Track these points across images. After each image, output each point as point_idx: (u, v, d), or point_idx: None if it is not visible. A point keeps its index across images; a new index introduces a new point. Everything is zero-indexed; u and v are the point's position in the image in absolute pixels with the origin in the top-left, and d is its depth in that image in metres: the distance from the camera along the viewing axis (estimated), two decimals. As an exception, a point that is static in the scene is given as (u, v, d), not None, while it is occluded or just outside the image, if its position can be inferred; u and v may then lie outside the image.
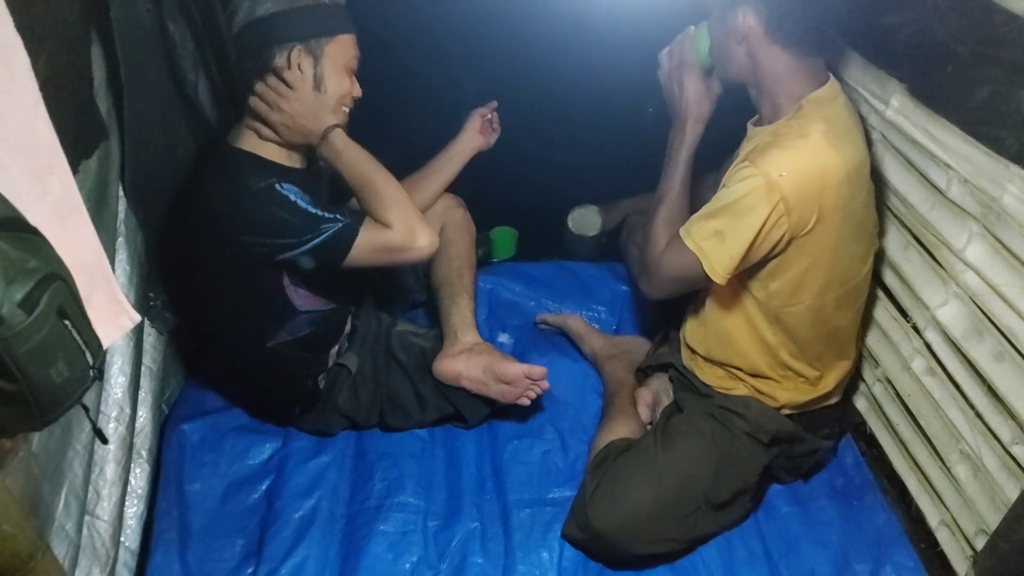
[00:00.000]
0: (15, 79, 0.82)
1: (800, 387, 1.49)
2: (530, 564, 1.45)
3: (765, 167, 1.24)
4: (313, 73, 1.35)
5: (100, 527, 1.28)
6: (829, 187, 1.26)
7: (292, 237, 1.35)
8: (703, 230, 1.31)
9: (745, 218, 1.26)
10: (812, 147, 1.25)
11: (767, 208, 1.24)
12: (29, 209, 0.77)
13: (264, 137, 1.40)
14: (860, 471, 1.65)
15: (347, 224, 1.37)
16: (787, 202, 1.24)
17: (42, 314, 0.73)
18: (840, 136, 1.29)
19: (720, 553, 1.48)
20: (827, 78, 1.33)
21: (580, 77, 1.88)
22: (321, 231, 1.35)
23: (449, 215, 1.79)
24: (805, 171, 1.24)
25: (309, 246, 1.35)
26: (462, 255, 1.74)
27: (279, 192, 1.34)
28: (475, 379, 1.58)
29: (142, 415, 1.47)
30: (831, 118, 1.29)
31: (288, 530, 1.48)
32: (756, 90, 1.36)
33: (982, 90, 1.23)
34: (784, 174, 1.23)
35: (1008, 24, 1.15)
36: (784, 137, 1.28)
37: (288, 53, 1.33)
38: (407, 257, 1.42)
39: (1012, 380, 1.24)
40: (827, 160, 1.25)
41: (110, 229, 1.30)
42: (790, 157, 1.25)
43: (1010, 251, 1.21)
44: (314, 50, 1.34)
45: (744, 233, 1.26)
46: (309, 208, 1.35)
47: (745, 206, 1.26)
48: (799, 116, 1.30)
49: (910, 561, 1.48)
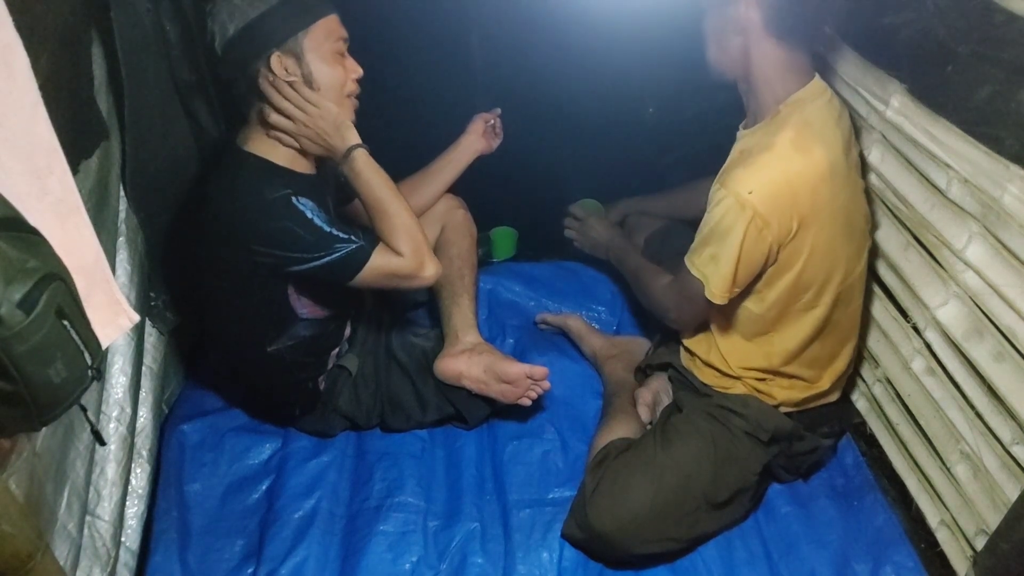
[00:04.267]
0: (15, 79, 0.82)
1: (797, 385, 1.50)
2: (530, 564, 1.45)
3: (734, 187, 1.28)
4: (301, 72, 1.32)
5: (101, 527, 1.28)
6: (802, 192, 1.28)
7: (303, 252, 1.34)
8: (702, 257, 1.36)
9: (727, 239, 1.30)
10: (776, 158, 1.28)
11: (743, 226, 1.28)
12: (29, 209, 0.77)
13: (277, 139, 1.38)
14: (860, 471, 1.64)
15: (360, 247, 1.36)
16: (762, 216, 1.27)
17: (41, 314, 0.72)
18: (813, 139, 1.31)
19: (720, 553, 1.48)
20: (812, 76, 1.35)
21: (581, 77, 1.88)
22: (333, 251, 1.34)
23: (450, 216, 1.79)
24: (771, 183, 1.28)
25: (319, 263, 1.34)
26: (463, 255, 1.74)
27: (295, 206, 1.32)
28: (476, 379, 1.58)
29: (143, 415, 1.47)
30: (808, 120, 1.31)
31: (288, 530, 1.48)
32: (745, 86, 1.38)
33: (982, 90, 1.23)
34: (752, 191, 1.27)
35: (1008, 24, 1.15)
36: (748, 154, 1.32)
37: (269, 63, 1.30)
38: (412, 284, 1.42)
39: (1012, 380, 1.24)
40: (794, 167, 1.28)
41: (111, 229, 1.30)
42: (754, 173, 1.29)
43: (1010, 251, 1.21)
44: (293, 49, 1.31)
45: (730, 253, 1.30)
46: (324, 226, 1.33)
47: (724, 228, 1.30)
48: (773, 122, 1.33)
49: (910, 561, 1.48)
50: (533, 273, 2.05)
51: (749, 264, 1.32)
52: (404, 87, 1.85)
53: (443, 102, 1.89)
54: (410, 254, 1.38)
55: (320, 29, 1.32)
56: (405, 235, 1.39)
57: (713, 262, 1.33)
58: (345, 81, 1.37)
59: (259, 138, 1.38)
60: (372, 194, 1.39)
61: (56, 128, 0.88)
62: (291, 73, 1.31)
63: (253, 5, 1.28)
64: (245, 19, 1.27)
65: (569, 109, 1.96)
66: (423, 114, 1.90)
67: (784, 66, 1.32)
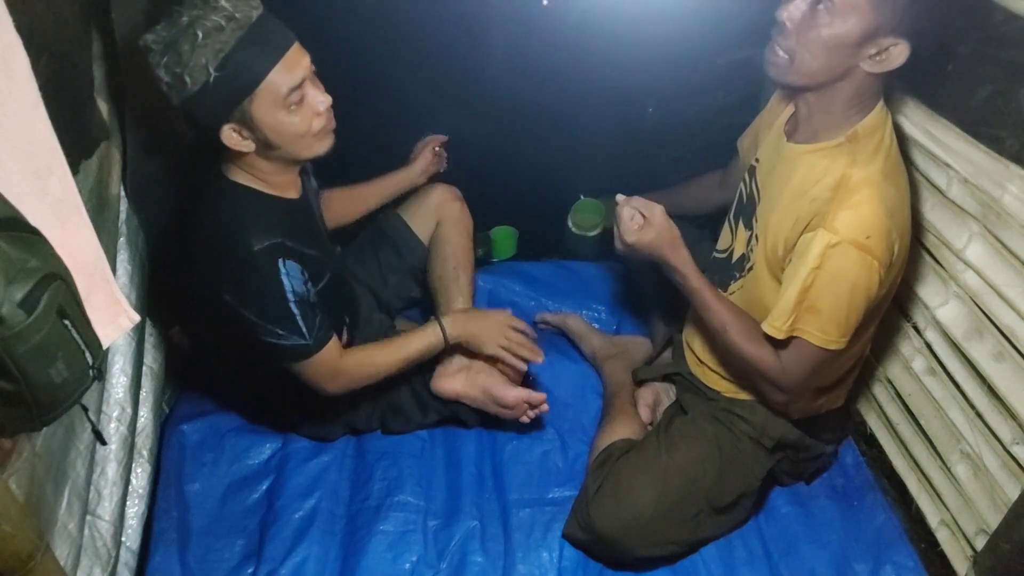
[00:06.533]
0: (15, 79, 0.82)
1: (808, 394, 1.46)
2: (530, 564, 1.45)
3: (849, 233, 1.17)
4: (256, 140, 1.23)
5: (101, 527, 1.28)
6: (897, 220, 1.22)
7: (260, 320, 1.31)
8: (798, 314, 1.23)
9: (838, 286, 1.19)
10: (880, 194, 1.19)
11: (864, 272, 1.18)
12: (29, 209, 0.77)
13: (259, 170, 1.31)
14: (860, 471, 1.64)
15: (305, 347, 1.34)
16: (879, 258, 1.18)
17: (42, 314, 0.73)
18: (894, 167, 1.25)
19: (720, 553, 1.48)
20: (881, 96, 1.25)
21: (580, 76, 1.88)
22: (284, 336, 1.32)
23: (445, 208, 1.70)
24: (881, 221, 1.18)
25: (267, 340, 1.32)
26: (458, 253, 1.67)
27: (277, 271, 1.29)
28: (474, 399, 1.57)
29: (143, 415, 1.47)
30: (887, 147, 1.24)
31: (288, 530, 1.48)
32: (817, 99, 1.25)
33: (982, 90, 1.23)
34: (870, 235, 1.17)
35: (1008, 24, 1.15)
36: (848, 191, 1.20)
37: (223, 136, 1.21)
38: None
39: (1012, 380, 1.24)
40: (891, 201, 1.21)
41: (111, 229, 1.30)
42: (867, 215, 1.18)
43: (1010, 251, 1.21)
44: (243, 120, 1.20)
45: (840, 299, 1.20)
46: (291, 306, 1.30)
47: (835, 276, 1.19)
48: (855, 149, 1.23)
49: (910, 561, 1.48)
50: (533, 273, 2.05)
51: (863, 306, 1.23)
52: (404, 87, 1.85)
53: (443, 102, 1.89)
54: (334, 390, 1.44)
55: (271, 84, 1.17)
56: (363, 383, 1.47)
57: (811, 313, 1.22)
58: (308, 125, 1.24)
59: (241, 169, 1.32)
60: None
61: (56, 128, 0.88)
62: (247, 139, 1.23)
63: (192, 74, 1.14)
64: (183, 94, 1.16)
65: (569, 109, 1.96)
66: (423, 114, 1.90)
67: (875, 92, 1.23)
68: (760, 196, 1.39)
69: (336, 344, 1.42)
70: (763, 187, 1.38)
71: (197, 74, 1.14)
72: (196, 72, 1.13)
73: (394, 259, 1.74)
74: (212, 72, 1.13)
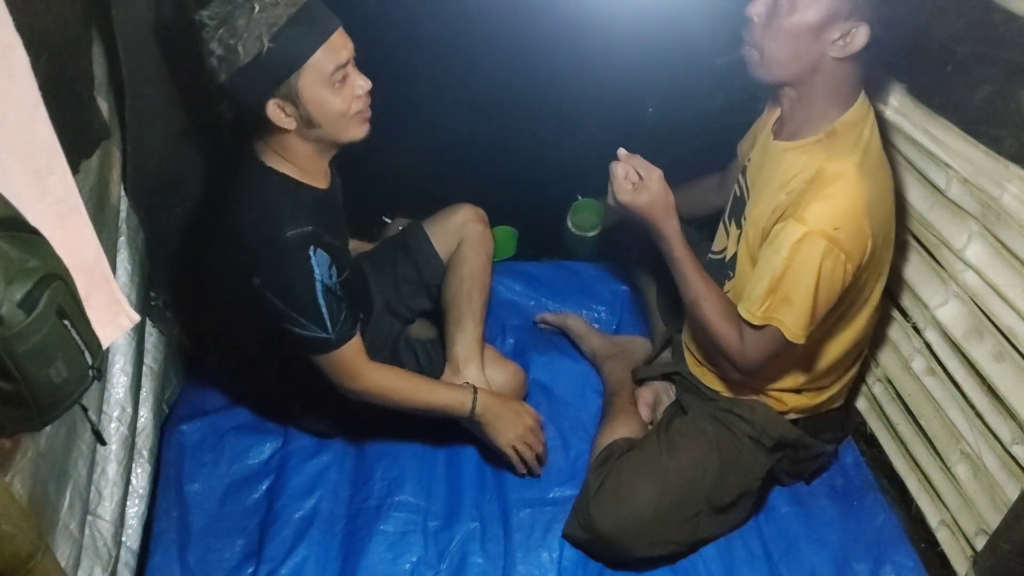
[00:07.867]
0: (15, 79, 0.82)
1: (810, 393, 1.48)
2: (530, 564, 1.45)
3: (817, 224, 1.20)
4: (299, 116, 1.25)
5: (102, 527, 1.28)
6: (874, 216, 1.23)
7: (287, 307, 1.31)
8: (772, 302, 1.26)
9: (807, 277, 1.22)
10: (853, 187, 1.21)
11: (830, 263, 1.21)
12: (29, 209, 0.77)
13: (295, 154, 1.32)
14: (860, 471, 1.64)
15: (326, 340, 1.34)
16: (847, 251, 1.21)
17: (42, 314, 0.73)
18: (874, 163, 1.26)
19: (720, 553, 1.48)
20: (861, 91, 1.28)
21: (580, 77, 1.88)
22: (307, 326, 1.32)
23: (467, 229, 1.70)
24: (853, 214, 1.21)
25: (290, 328, 1.32)
26: (474, 275, 1.65)
27: (307, 257, 1.29)
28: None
29: (143, 415, 1.48)
30: (867, 142, 1.26)
31: (288, 530, 1.48)
32: (796, 94, 1.28)
33: (982, 90, 1.23)
34: (838, 227, 1.19)
35: (1008, 24, 1.15)
36: (822, 184, 1.22)
37: (268, 110, 1.23)
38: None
39: (1012, 380, 1.24)
40: (866, 195, 1.22)
41: (111, 229, 1.30)
42: (836, 206, 1.20)
43: (1010, 251, 1.21)
44: (289, 95, 1.22)
45: (808, 291, 1.23)
46: (319, 296, 1.31)
47: (804, 266, 1.22)
48: (833, 144, 1.25)
49: (910, 561, 1.48)
50: (533, 273, 2.05)
51: (829, 299, 1.25)
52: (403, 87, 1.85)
53: (443, 102, 1.89)
54: (356, 392, 1.43)
55: (319, 60, 1.21)
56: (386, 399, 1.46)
57: (786, 304, 1.25)
58: (348, 106, 1.28)
59: (277, 153, 1.34)
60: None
61: (56, 128, 0.88)
62: (289, 116, 1.25)
63: (246, 45, 1.17)
64: (234, 65, 1.18)
65: (568, 109, 1.96)
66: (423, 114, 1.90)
67: (850, 85, 1.25)
68: (749, 194, 1.41)
69: (359, 344, 1.41)
70: (752, 185, 1.41)
71: (251, 45, 1.17)
72: (250, 43, 1.17)
73: (411, 271, 1.73)
74: (266, 43, 1.16)
